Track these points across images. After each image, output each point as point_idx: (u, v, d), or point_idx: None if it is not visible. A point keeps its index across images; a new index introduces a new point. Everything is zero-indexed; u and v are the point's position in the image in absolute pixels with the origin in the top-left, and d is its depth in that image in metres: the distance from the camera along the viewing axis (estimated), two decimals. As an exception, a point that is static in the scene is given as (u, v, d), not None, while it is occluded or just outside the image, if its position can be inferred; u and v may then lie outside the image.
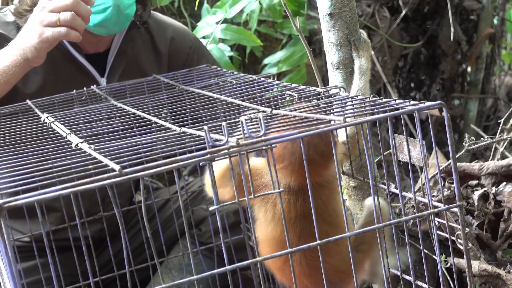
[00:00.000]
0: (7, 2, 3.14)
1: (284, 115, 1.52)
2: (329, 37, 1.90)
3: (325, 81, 2.71)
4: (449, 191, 2.08)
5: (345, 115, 1.41)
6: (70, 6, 2.01)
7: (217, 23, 3.01)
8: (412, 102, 1.48)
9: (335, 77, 1.93)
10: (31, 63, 2.07)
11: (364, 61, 1.86)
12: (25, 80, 2.19)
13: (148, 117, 1.75)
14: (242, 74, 2.14)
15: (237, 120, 1.40)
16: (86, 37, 2.19)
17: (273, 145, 1.29)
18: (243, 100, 1.85)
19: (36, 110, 1.99)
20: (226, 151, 1.26)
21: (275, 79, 2.03)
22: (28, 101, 2.10)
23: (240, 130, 1.32)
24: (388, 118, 1.42)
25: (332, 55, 1.91)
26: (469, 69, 4.18)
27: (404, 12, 3.86)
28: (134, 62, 2.38)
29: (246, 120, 1.31)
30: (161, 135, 1.49)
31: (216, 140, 1.30)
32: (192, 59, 2.48)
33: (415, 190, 2.19)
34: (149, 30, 2.43)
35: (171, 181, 2.69)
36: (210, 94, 1.98)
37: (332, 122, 1.36)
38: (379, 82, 3.77)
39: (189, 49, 2.49)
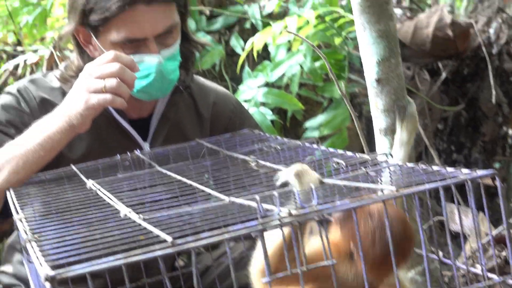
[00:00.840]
0: (52, 66, 3.20)
1: (333, 184, 1.49)
2: (377, 103, 1.89)
3: (370, 146, 2.69)
4: (499, 259, 2.03)
5: (397, 185, 1.38)
6: (116, 72, 2.02)
7: (258, 86, 3.02)
8: (464, 171, 1.45)
9: (382, 143, 1.91)
10: (76, 129, 2.08)
11: (406, 135, 1.82)
12: (71, 146, 2.20)
13: (194, 184, 1.74)
14: (286, 140, 2.12)
15: (289, 189, 1.38)
16: (129, 102, 2.20)
17: (326, 215, 1.26)
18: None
19: (81, 175, 1.99)
20: (277, 221, 1.24)
21: (319, 144, 2.01)
22: (72, 166, 2.10)
23: (292, 200, 1.30)
24: (440, 188, 1.39)
25: (379, 121, 1.90)
26: (510, 131, 4.14)
27: (444, 74, 3.86)
28: (176, 126, 2.38)
29: (298, 190, 1.30)
30: (209, 205, 1.47)
31: (267, 210, 1.28)
32: (234, 123, 2.48)
33: (463, 259, 2.14)
34: (191, 94, 2.44)
35: (213, 246, 2.66)
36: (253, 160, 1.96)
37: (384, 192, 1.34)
38: (420, 145, 3.74)
39: (231, 113, 2.49)
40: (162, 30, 2.14)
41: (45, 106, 2.23)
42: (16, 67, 3.56)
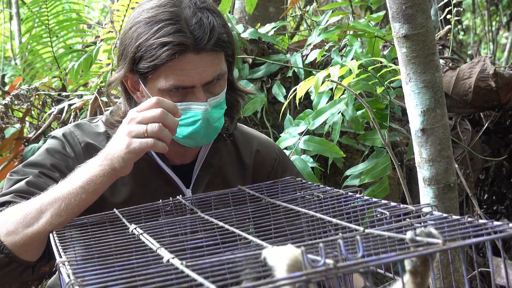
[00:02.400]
0: (95, 111, 3.23)
1: (378, 235, 1.48)
2: (421, 152, 1.88)
3: (412, 196, 2.66)
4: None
5: (444, 237, 1.36)
6: (158, 117, 2.04)
7: (300, 134, 3.02)
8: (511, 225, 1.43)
9: (426, 193, 1.89)
10: (118, 173, 2.09)
11: None
12: (114, 191, 2.21)
13: (237, 231, 1.73)
14: (328, 188, 2.11)
15: (334, 239, 1.37)
16: (173, 149, 2.21)
17: (371, 267, 1.25)
18: (331, 216, 1.82)
19: (124, 220, 1.99)
20: (323, 272, 1.22)
21: (363, 194, 2.00)
22: (115, 210, 2.11)
23: (335, 251, 1.29)
24: (487, 243, 1.37)
25: (423, 171, 1.89)
26: (553, 183, 4.08)
27: (486, 125, 3.82)
28: (219, 173, 2.39)
29: (343, 240, 1.28)
30: (253, 252, 1.46)
31: (312, 261, 1.27)
32: (276, 171, 2.48)
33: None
34: (234, 142, 2.44)
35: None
36: (296, 208, 1.96)
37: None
38: (461, 195, 3.70)
39: (273, 161, 2.49)
40: (210, 79, 2.15)
41: (90, 151, 2.25)
42: (61, 111, 3.61)
